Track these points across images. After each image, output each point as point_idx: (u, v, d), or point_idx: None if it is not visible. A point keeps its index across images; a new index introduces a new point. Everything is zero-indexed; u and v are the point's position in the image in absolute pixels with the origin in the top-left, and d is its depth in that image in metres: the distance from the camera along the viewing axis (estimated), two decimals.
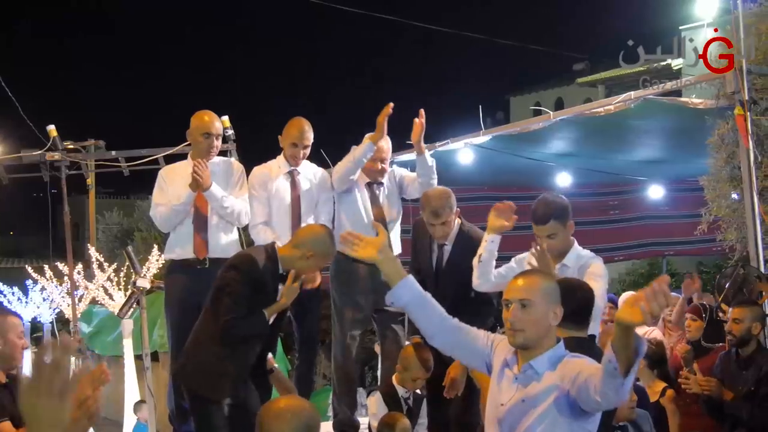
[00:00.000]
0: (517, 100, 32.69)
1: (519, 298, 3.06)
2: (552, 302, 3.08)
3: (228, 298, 4.27)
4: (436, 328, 3.29)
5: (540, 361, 3.05)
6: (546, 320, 3.06)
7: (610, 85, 23.35)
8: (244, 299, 4.23)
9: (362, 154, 5.25)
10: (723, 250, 6.44)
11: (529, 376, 3.06)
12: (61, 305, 12.45)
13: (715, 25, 7.01)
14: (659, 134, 7.07)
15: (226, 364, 4.32)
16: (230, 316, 4.23)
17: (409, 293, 3.23)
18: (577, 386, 2.91)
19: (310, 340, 5.63)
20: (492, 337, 3.34)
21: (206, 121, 5.24)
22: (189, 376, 4.44)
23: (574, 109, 6.77)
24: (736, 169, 5.73)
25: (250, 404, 4.42)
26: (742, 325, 4.84)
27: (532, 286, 3.09)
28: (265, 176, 5.46)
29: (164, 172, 5.46)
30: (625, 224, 9.42)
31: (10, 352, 3.94)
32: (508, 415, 3.08)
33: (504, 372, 3.17)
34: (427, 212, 5.00)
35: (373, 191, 5.50)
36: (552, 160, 7.78)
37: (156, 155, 7.01)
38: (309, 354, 5.62)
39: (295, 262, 4.36)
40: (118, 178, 7.79)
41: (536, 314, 3.04)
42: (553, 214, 4.21)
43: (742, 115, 5.38)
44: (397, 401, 4.80)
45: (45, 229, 10.76)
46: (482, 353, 3.31)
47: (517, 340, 3.07)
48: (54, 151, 7.12)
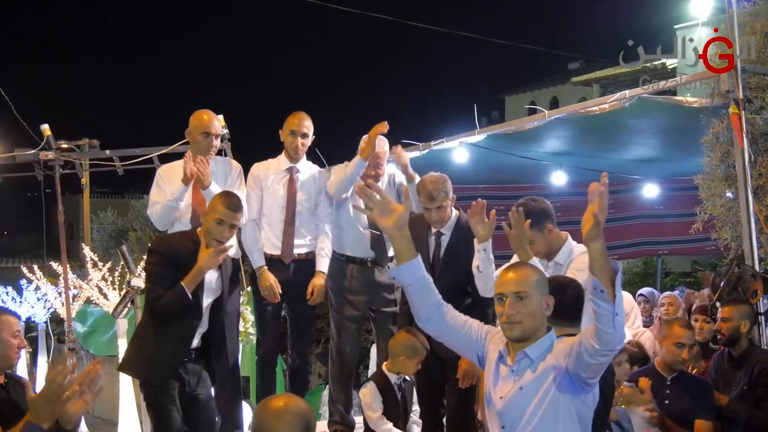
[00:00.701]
0: (512, 100, 32.67)
1: (514, 291, 3.08)
2: (544, 292, 3.14)
3: (149, 282, 4.49)
4: (432, 313, 3.31)
5: (533, 348, 3.10)
6: (540, 311, 3.11)
7: (605, 84, 23.36)
8: (164, 280, 4.40)
9: (354, 171, 5.26)
10: (718, 249, 6.44)
11: (524, 365, 3.10)
12: (56, 305, 12.43)
13: (710, 23, 7.01)
14: (654, 133, 7.07)
15: (162, 347, 4.46)
16: (152, 296, 4.42)
17: (414, 274, 3.22)
18: (573, 354, 2.97)
19: (305, 338, 5.63)
20: (486, 328, 3.37)
21: (205, 120, 5.24)
22: (131, 365, 4.63)
23: (569, 108, 6.77)
24: (730, 168, 5.74)
25: (201, 393, 4.62)
26: (731, 323, 4.85)
27: (526, 278, 3.12)
28: (261, 173, 5.47)
29: (162, 170, 5.46)
30: (620, 223, 9.42)
31: (3, 351, 3.88)
32: (507, 406, 3.11)
33: (499, 366, 3.19)
34: (422, 196, 4.99)
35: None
36: (547, 159, 7.79)
37: (150, 154, 7.00)
38: (304, 352, 5.63)
39: (206, 231, 4.49)
40: (113, 177, 7.79)
41: (532, 305, 3.08)
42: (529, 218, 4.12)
43: (736, 114, 5.39)
44: (391, 388, 4.81)
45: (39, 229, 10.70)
46: (475, 344, 3.34)
47: (514, 333, 3.09)
48: (48, 151, 7.10)
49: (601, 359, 2.92)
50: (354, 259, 5.51)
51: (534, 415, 3.03)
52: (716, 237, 6.02)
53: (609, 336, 2.84)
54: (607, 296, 2.79)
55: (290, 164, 5.47)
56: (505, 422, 3.12)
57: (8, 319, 3.99)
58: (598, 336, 2.85)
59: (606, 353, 2.91)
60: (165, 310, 4.41)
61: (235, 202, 4.54)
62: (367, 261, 5.50)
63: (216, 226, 4.46)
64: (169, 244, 4.55)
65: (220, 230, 4.46)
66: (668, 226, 9.25)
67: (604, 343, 2.86)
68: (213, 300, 4.65)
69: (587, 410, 3.11)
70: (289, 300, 5.48)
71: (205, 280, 4.53)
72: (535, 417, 3.03)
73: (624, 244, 9.60)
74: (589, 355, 2.90)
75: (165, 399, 4.47)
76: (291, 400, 2.65)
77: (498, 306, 3.14)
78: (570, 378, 3.01)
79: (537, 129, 6.59)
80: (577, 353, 2.95)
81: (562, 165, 7.97)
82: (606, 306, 2.81)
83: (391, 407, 4.78)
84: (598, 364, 2.95)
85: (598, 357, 2.91)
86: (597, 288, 2.80)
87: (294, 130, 5.41)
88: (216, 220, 4.46)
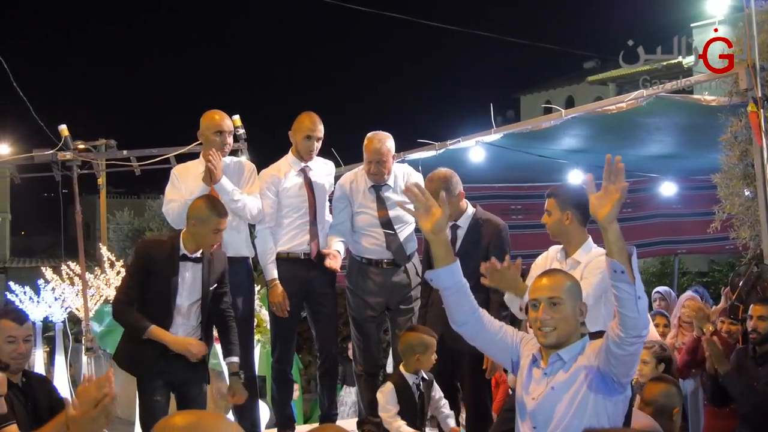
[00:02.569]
0: (527, 99, 32.60)
1: (548, 297, 3.08)
2: (578, 298, 3.12)
3: (123, 282, 4.91)
4: (467, 317, 3.33)
5: (567, 351, 3.10)
6: (574, 317, 3.10)
7: (620, 84, 23.23)
8: (135, 283, 4.66)
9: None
10: (736, 249, 6.39)
11: (557, 367, 3.11)
12: (73, 304, 12.49)
13: (727, 22, 6.97)
14: (671, 131, 7.04)
15: (140, 343, 4.64)
16: (118, 297, 4.74)
17: (451, 278, 3.23)
18: (603, 349, 2.97)
19: (331, 336, 5.64)
20: (521, 334, 3.39)
21: (217, 120, 5.28)
22: (118, 357, 4.87)
23: (586, 107, 6.75)
24: (749, 167, 5.69)
25: (190, 390, 4.78)
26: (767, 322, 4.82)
27: (559, 284, 3.13)
28: (274, 178, 5.47)
29: (177, 170, 5.50)
30: (637, 222, 9.35)
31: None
32: (539, 406, 3.11)
33: (532, 369, 3.21)
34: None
35: (378, 194, 5.49)
36: (563, 157, 7.75)
37: (167, 154, 7.03)
38: (332, 351, 5.65)
39: (189, 237, 4.66)
40: (129, 177, 7.85)
41: (565, 311, 3.09)
42: (554, 193, 4.29)
43: (755, 113, 5.35)
44: (408, 388, 4.80)
45: (56, 229, 10.77)
46: (509, 349, 3.35)
47: (549, 340, 3.09)
48: (66, 151, 7.14)
49: (628, 348, 2.91)
50: (372, 261, 5.52)
51: (565, 415, 3.03)
52: (734, 236, 5.98)
53: (633, 320, 2.83)
54: (627, 277, 2.80)
55: (302, 164, 5.48)
56: (537, 422, 3.12)
57: (3, 324, 3.92)
58: (622, 323, 2.85)
59: (632, 340, 2.89)
60: (120, 319, 4.74)
61: (220, 208, 4.68)
62: (383, 262, 5.51)
63: (215, 235, 4.66)
64: (148, 249, 4.74)
65: (216, 239, 4.69)
66: (686, 225, 9.18)
67: (629, 329, 2.85)
68: (199, 299, 4.73)
69: (618, 412, 3.09)
70: (311, 300, 5.49)
71: (186, 278, 4.67)
72: (566, 417, 3.03)
73: (641, 243, 9.51)
74: (616, 346, 2.89)
75: (147, 390, 4.68)
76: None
77: (532, 312, 3.14)
78: (602, 377, 3.00)
79: (554, 128, 6.57)
80: (606, 347, 2.95)
81: (579, 163, 7.93)
82: (627, 288, 2.81)
83: (408, 408, 4.75)
84: (626, 354, 2.93)
85: (625, 346, 2.89)
86: (617, 270, 2.80)
87: (310, 135, 5.42)
88: (213, 230, 4.62)
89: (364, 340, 5.57)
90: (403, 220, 5.48)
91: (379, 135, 5.38)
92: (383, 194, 5.48)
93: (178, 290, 4.65)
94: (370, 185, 5.48)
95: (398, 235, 5.44)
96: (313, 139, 5.41)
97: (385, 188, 5.49)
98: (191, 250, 4.68)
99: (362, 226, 5.52)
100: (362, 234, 5.53)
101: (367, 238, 5.51)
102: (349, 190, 5.55)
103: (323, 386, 5.65)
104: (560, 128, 6.65)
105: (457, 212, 5.09)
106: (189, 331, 4.71)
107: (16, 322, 3.98)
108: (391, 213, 5.44)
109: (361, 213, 5.52)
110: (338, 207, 5.59)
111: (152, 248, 4.73)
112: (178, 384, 4.77)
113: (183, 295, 4.67)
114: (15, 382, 3.88)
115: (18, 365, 3.94)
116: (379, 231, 5.46)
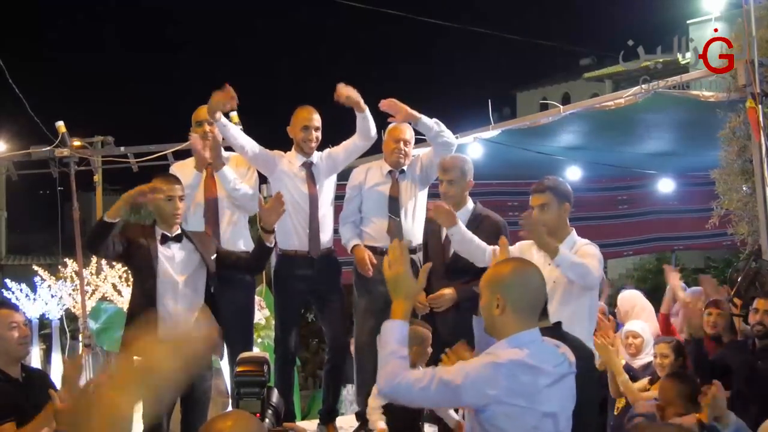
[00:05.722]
0: (524, 96, 32.66)
1: None
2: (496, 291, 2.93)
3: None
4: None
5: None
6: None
7: (617, 80, 23.28)
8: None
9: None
10: (733, 244, 6.41)
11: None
12: (69, 301, 12.48)
13: (724, 18, 6.98)
14: (669, 128, 7.04)
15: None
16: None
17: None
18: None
19: (340, 332, 5.60)
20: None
21: (197, 111, 5.37)
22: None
23: (584, 103, 6.75)
24: (747, 163, 5.71)
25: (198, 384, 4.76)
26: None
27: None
28: (284, 165, 5.45)
29: (175, 167, 5.54)
30: (634, 219, 9.36)
31: (2, 346, 3.88)
32: None
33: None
34: (439, 170, 5.24)
35: (394, 178, 5.48)
36: (561, 154, 7.75)
37: (164, 151, 7.02)
38: (342, 347, 5.63)
39: (156, 216, 4.83)
40: (126, 175, 7.79)
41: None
42: (551, 187, 4.32)
43: (753, 108, 5.36)
44: None
45: (53, 227, 10.73)
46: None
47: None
48: (63, 148, 7.13)
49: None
50: (374, 248, 5.45)
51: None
52: (732, 232, 5.99)
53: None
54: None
55: (305, 159, 5.45)
56: None
57: (2, 312, 3.96)
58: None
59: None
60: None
61: (170, 177, 4.90)
62: (384, 249, 5.47)
63: (167, 203, 4.74)
64: (131, 229, 4.89)
65: (171, 206, 4.75)
66: (683, 221, 9.19)
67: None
68: (195, 270, 4.80)
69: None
70: (316, 296, 5.47)
71: (175, 257, 4.77)
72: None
73: (638, 239, 9.54)
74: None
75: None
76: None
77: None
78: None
79: (552, 124, 6.57)
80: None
81: (577, 160, 7.93)
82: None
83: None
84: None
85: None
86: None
87: (307, 125, 5.39)
88: (165, 198, 4.72)
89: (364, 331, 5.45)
90: (414, 209, 5.47)
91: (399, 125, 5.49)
92: (398, 179, 5.48)
93: (160, 267, 4.71)
94: (388, 170, 5.50)
95: (401, 223, 5.42)
96: (310, 128, 5.38)
97: (399, 174, 5.50)
98: (165, 229, 4.79)
99: (372, 210, 5.52)
100: (369, 221, 5.52)
101: (374, 225, 5.49)
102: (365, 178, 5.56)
103: (329, 381, 5.59)
104: (558, 125, 6.65)
105: (462, 200, 5.16)
106: (193, 306, 4.71)
107: (11, 309, 4.09)
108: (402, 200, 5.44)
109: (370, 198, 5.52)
110: (350, 196, 5.59)
111: (134, 231, 4.83)
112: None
113: (176, 271, 4.75)
114: (15, 378, 3.88)
115: (26, 351, 4.03)
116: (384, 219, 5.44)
